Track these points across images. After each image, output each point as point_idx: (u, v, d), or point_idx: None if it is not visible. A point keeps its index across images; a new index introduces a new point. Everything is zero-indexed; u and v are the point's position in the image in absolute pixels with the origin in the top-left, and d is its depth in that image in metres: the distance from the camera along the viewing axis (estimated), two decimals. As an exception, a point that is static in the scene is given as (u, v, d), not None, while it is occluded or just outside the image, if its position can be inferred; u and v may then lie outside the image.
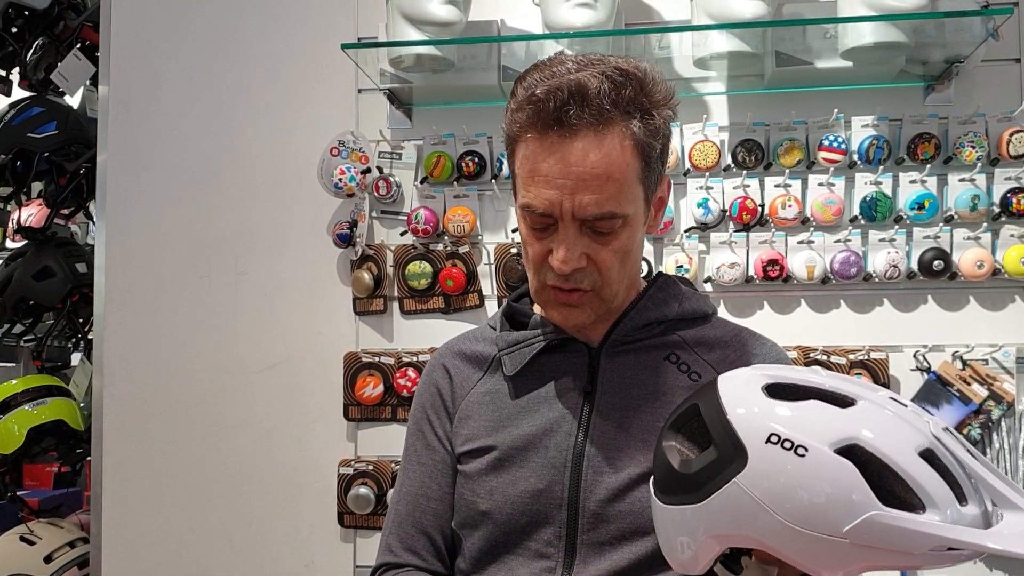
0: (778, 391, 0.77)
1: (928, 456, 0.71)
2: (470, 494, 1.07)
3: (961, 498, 0.71)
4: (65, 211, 2.77)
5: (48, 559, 2.27)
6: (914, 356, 1.83)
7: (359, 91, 2.04)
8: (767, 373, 0.80)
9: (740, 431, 0.75)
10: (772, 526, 0.72)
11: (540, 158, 0.96)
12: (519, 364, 1.09)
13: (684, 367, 1.07)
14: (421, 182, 2.00)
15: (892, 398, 0.77)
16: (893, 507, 0.69)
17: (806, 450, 0.71)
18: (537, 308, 1.15)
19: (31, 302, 2.65)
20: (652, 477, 0.85)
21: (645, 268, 1.87)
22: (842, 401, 0.75)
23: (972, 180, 1.81)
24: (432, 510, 1.11)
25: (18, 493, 2.60)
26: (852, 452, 0.71)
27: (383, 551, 1.12)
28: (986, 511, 0.72)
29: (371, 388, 1.94)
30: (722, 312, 1.89)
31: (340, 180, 1.95)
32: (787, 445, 0.72)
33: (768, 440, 0.73)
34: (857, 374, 1.79)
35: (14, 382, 2.54)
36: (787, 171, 1.85)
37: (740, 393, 0.78)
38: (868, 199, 1.82)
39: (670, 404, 1.03)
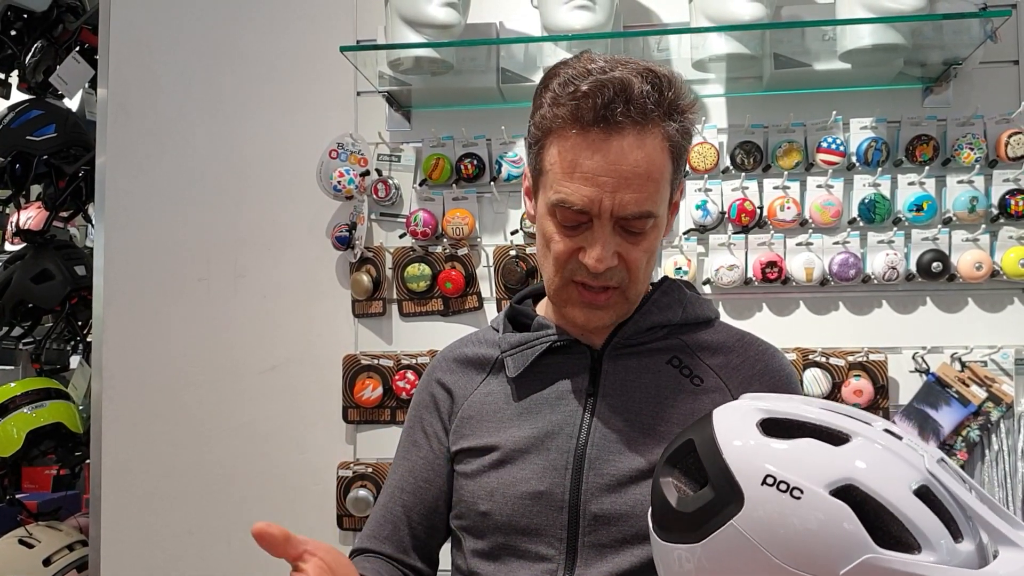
0: (773, 427, 0.77)
1: (923, 493, 0.71)
2: (470, 496, 1.07)
3: (956, 535, 0.71)
4: (64, 214, 2.78)
5: (47, 562, 2.26)
6: (913, 358, 1.83)
7: (358, 93, 2.04)
8: (762, 407, 0.80)
9: (736, 472, 0.75)
10: (769, 568, 0.72)
11: (582, 154, 0.95)
12: (522, 366, 1.09)
13: (687, 371, 1.07)
14: (420, 184, 2.00)
15: (887, 430, 0.76)
16: (889, 548, 0.69)
17: (801, 492, 0.71)
18: (540, 309, 1.15)
19: (30, 305, 2.65)
20: (650, 511, 0.85)
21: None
22: (837, 437, 0.75)
23: (970, 182, 1.81)
24: (403, 501, 1.15)
25: (17, 496, 2.60)
26: (847, 493, 0.71)
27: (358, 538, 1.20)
28: (981, 545, 0.72)
29: (370, 390, 1.94)
30: (721, 314, 1.89)
31: (339, 182, 1.95)
32: (782, 487, 0.72)
33: (764, 482, 0.73)
34: (856, 376, 1.79)
35: (13, 385, 2.54)
36: (786, 173, 1.86)
37: (735, 430, 0.78)
38: (867, 201, 1.82)
39: (672, 408, 1.03)
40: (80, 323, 2.71)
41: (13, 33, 2.60)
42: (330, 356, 2.00)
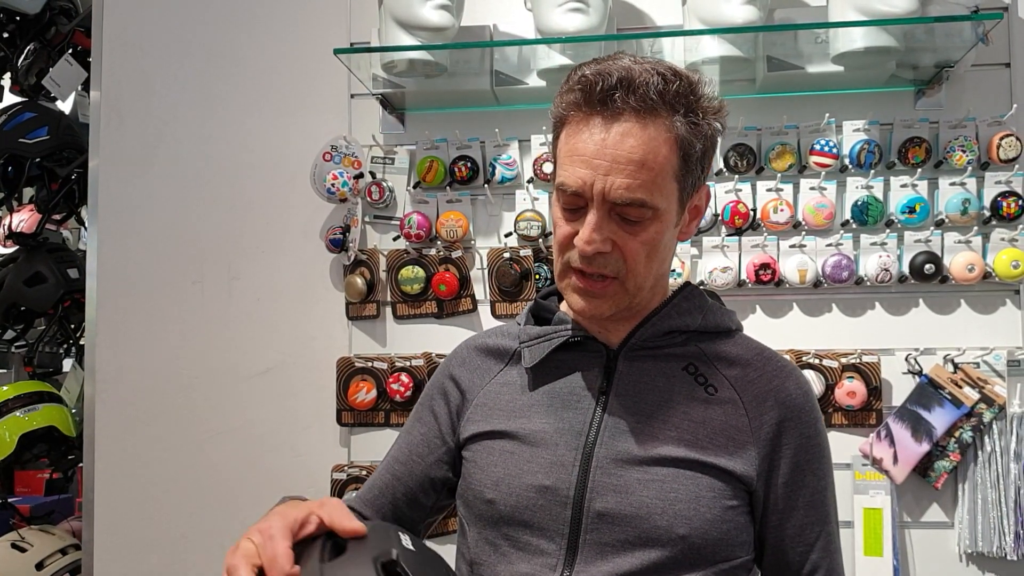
0: None
1: None
2: (477, 483, 1.08)
3: None
4: (57, 216, 2.77)
5: (40, 566, 2.25)
6: (906, 359, 1.83)
7: (352, 96, 2.04)
8: None
9: None
10: None
11: (580, 137, 0.98)
12: (537, 357, 1.10)
13: (701, 379, 1.07)
14: (414, 187, 2.00)
15: None
16: None
17: None
18: (564, 305, 1.16)
19: (22, 308, 2.64)
20: None
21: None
22: None
23: (963, 184, 1.82)
24: (395, 471, 1.18)
25: (9, 500, 2.59)
26: None
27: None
28: None
29: (364, 393, 1.94)
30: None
31: (333, 185, 1.95)
32: None
33: None
34: (849, 377, 1.80)
35: (5, 388, 2.53)
36: (779, 175, 1.86)
37: None
38: (859, 203, 1.83)
39: (683, 413, 1.03)
40: (73, 326, 2.70)
41: (5, 35, 2.60)
42: (324, 359, 2.00)
